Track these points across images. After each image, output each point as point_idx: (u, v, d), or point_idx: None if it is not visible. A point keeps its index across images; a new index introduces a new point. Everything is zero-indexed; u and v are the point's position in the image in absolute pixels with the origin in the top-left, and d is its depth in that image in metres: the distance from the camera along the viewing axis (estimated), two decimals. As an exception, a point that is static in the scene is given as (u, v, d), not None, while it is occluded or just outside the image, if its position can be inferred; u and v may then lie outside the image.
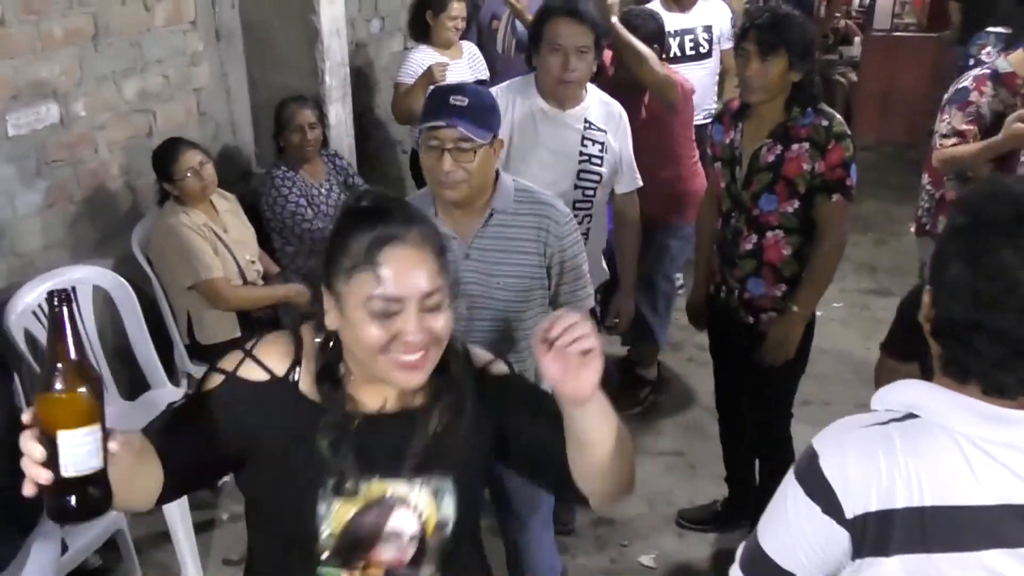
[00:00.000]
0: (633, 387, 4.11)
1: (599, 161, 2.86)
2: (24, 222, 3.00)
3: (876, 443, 1.19)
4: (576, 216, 2.82)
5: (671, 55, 4.67)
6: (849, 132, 2.59)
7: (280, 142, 3.72)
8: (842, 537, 1.19)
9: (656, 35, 3.76)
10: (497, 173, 2.22)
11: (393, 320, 1.29)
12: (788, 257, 2.69)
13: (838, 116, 2.62)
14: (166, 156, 3.26)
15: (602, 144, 2.86)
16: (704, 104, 4.76)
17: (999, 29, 4.20)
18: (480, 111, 2.08)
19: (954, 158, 3.20)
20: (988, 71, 3.25)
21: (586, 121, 2.85)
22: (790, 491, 1.24)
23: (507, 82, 2.99)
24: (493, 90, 2.93)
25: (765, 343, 2.72)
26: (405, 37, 5.16)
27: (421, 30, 4.49)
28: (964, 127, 3.15)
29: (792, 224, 2.66)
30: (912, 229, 3.70)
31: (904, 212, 6.19)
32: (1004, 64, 3.24)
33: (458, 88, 2.16)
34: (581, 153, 2.84)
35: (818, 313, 2.90)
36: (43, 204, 3.07)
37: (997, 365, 1.16)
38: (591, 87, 2.92)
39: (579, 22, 2.73)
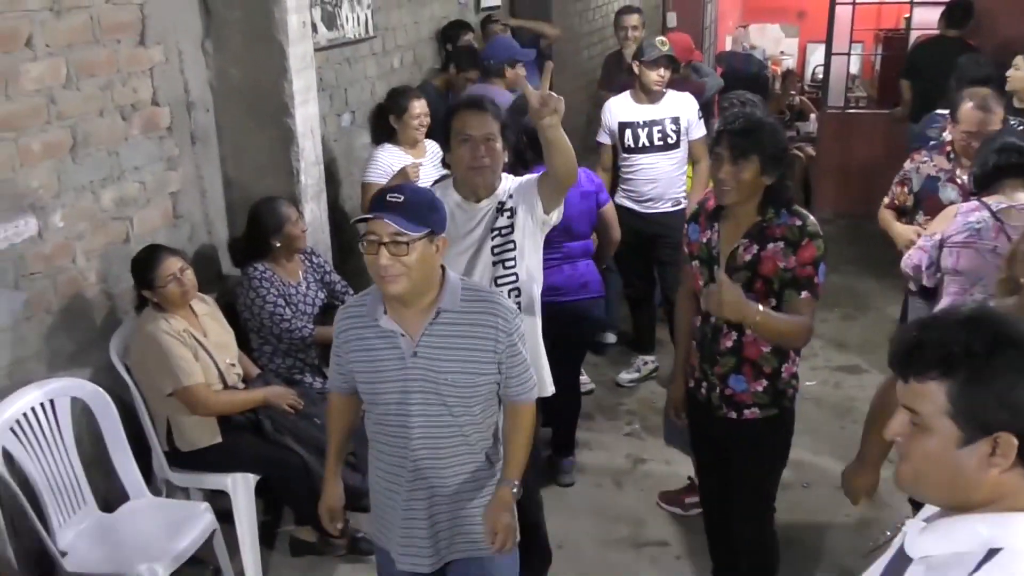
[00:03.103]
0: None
1: (509, 230, 2.92)
2: (1, 335, 2.97)
3: None
4: (502, 289, 2.91)
5: (639, 145, 4.81)
6: (821, 232, 2.66)
7: (275, 241, 3.73)
8: None
9: None
10: (444, 271, 2.31)
11: None
12: (767, 353, 2.74)
13: (811, 217, 2.70)
14: (146, 264, 3.27)
15: (511, 210, 2.93)
16: (669, 193, 4.88)
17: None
18: (415, 207, 2.18)
19: (881, 220, 4.12)
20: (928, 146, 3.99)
21: (499, 204, 2.94)
22: None
23: (431, 185, 3.10)
24: None
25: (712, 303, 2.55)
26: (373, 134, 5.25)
27: (385, 133, 4.59)
28: (895, 189, 4.09)
29: None
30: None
31: (867, 286, 6.34)
32: (946, 136, 3.98)
33: (396, 188, 2.26)
34: (492, 229, 2.92)
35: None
36: (21, 316, 3.04)
37: None
38: (507, 176, 3.01)
39: (482, 112, 2.89)
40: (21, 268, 3.03)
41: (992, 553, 1.22)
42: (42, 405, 3.00)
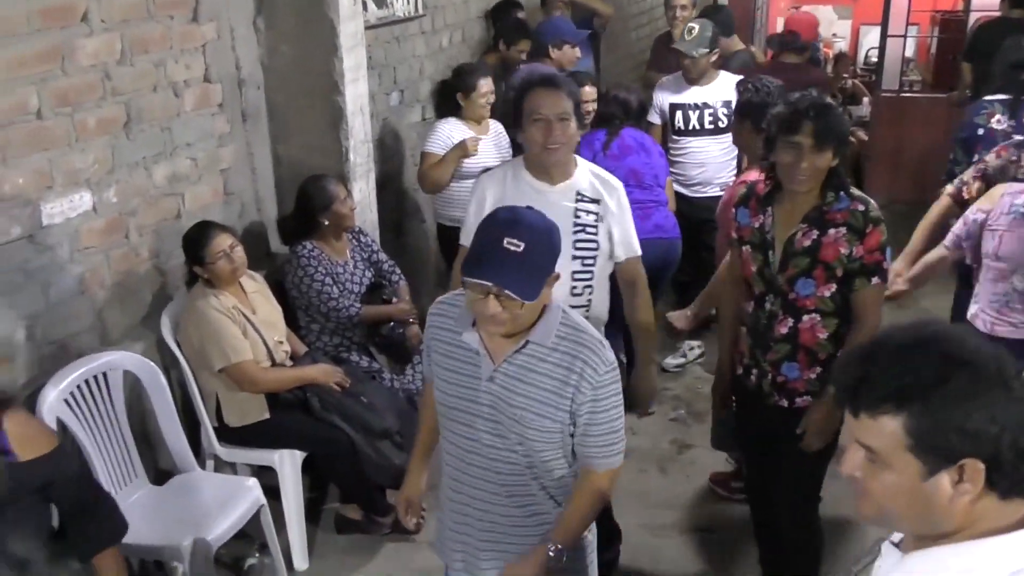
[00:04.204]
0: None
1: (594, 230, 2.87)
2: (56, 309, 3.01)
3: None
4: (576, 287, 2.87)
5: (689, 127, 4.74)
6: (883, 217, 2.60)
7: (323, 219, 3.72)
8: None
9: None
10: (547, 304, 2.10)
11: None
12: (823, 340, 2.69)
13: (872, 201, 2.64)
14: (197, 240, 3.29)
15: (596, 214, 2.88)
16: (718, 178, 4.81)
17: (999, 96, 4.24)
18: (537, 256, 1.95)
19: (929, 216, 3.76)
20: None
21: (578, 193, 2.88)
22: None
23: (502, 163, 3.03)
24: (484, 175, 3.02)
25: (804, 429, 2.70)
26: (424, 108, 5.24)
27: (449, 109, 4.57)
28: (970, 181, 3.64)
29: (828, 308, 2.66)
30: None
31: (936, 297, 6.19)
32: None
33: (515, 225, 1.96)
34: (575, 224, 2.85)
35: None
36: (75, 291, 3.08)
37: None
38: (582, 161, 2.97)
39: (557, 91, 2.79)
40: (76, 243, 3.07)
41: None
42: (95, 378, 3.04)
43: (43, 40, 2.86)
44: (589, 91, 4.33)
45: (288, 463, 3.41)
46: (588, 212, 2.87)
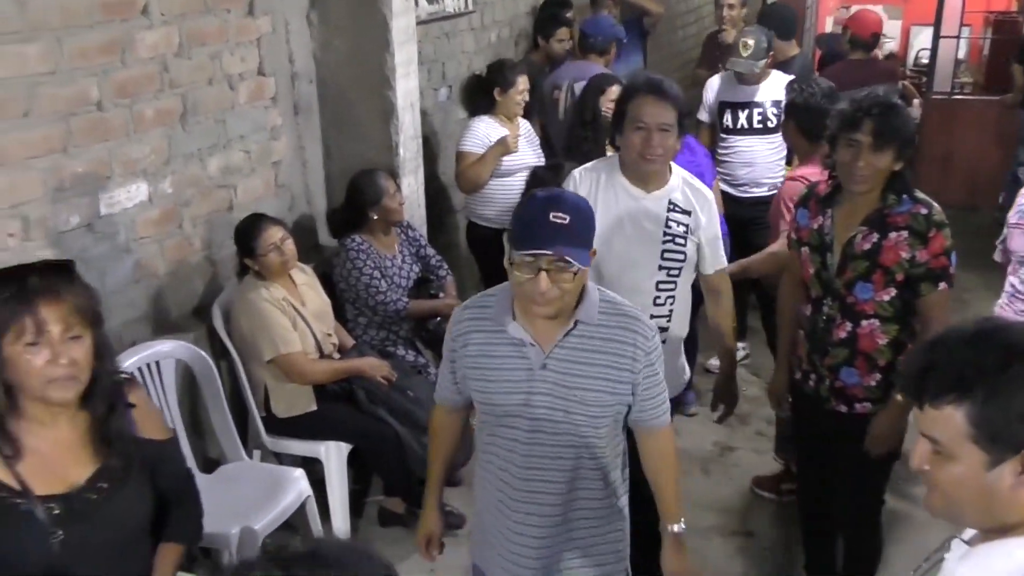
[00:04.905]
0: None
1: (683, 242, 2.83)
2: (112, 297, 3.05)
3: None
4: (659, 297, 2.82)
5: (737, 126, 4.70)
6: (947, 221, 2.55)
7: (372, 213, 3.74)
8: None
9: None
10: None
11: None
12: (883, 346, 2.65)
13: (936, 205, 2.59)
14: (249, 232, 3.32)
15: (686, 226, 2.83)
16: (765, 177, 4.76)
17: None
18: (581, 228, 2.00)
19: None
20: None
21: (670, 202, 2.83)
22: None
23: (592, 162, 3.00)
24: (577, 171, 2.97)
25: (868, 436, 2.66)
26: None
27: (482, 104, 4.56)
28: None
29: (888, 313, 2.62)
30: None
31: (971, 280, 6.08)
32: None
33: (556, 201, 2.02)
34: (665, 234, 2.81)
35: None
36: (130, 279, 3.12)
37: None
38: (676, 169, 2.92)
39: (663, 100, 2.74)
40: (132, 232, 3.11)
41: None
42: (148, 366, 3.08)
43: (104, 32, 2.90)
44: (615, 91, 4.30)
45: (334, 455, 3.44)
46: (679, 223, 2.82)
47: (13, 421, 1.83)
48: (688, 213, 2.84)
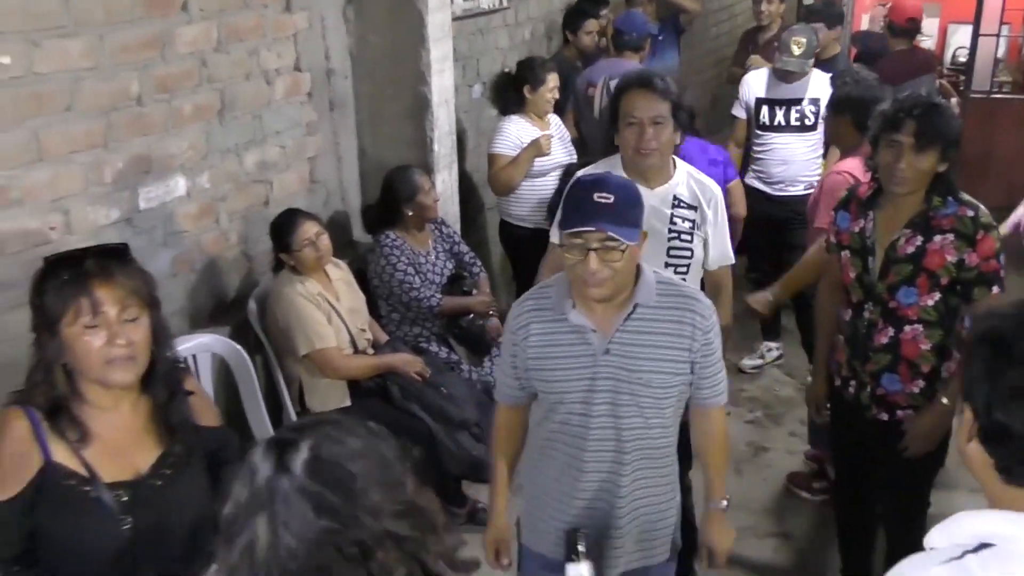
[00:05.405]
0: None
1: (689, 238, 2.81)
2: (150, 291, 3.07)
3: None
4: None
5: (774, 123, 4.66)
6: (995, 223, 2.51)
7: (407, 210, 3.74)
8: None
9: None
10: (638, 265, 2.14)
11: None
12: (926, 351, 2.60)
13: (983, 207, 2.54)
14: (284, 227, 3.33)
15: (692, 222, 2.81)
16: (801, 176, 4.71)
17: None
18: (627, 208, 2.02)
19: None
20: None
21: (675, 198, 2.82)
22: None
23: (595, 163, 2.99)
24: (580, 172, 2.95)
25: (908, 435, 2.61)
26: (501, 106, 5.24)
27: (514, 103, 4.54)
28: None
29: (932, 317, 2.57)
30: None
31: (1010, 283, 6.01)
32: None
33: (601, 182, 2.06)
34: (670, 230, 2.80)
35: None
36: (168, 273, 3.14)
37: None
38: (681, 163, 2.90)
39: (653, 93, 2.72)
40: (170, 226, 3.13)
41: (983, 547, 1.16)
42: (185, 360, 3.09)
43: (145, 28, 2.91)
44: None
45: (367, 451, 3.44)
46: (684, 219, 2.80)
47: (77, 406, 1.84)
48: (694, 208, 2.82)
